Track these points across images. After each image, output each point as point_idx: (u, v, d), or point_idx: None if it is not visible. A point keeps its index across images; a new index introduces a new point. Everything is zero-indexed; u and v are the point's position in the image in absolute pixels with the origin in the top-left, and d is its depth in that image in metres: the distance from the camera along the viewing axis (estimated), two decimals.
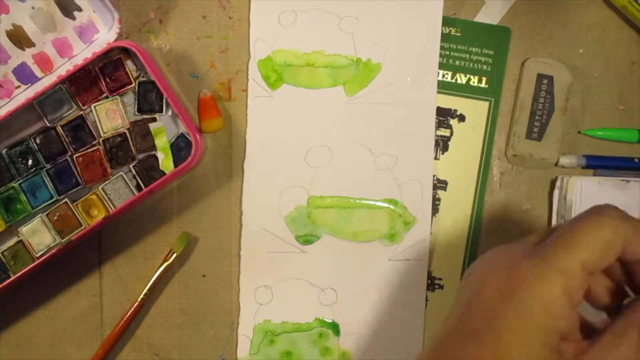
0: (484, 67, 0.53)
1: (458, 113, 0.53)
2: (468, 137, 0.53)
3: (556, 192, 0.52)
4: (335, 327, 0.53)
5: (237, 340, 0.53)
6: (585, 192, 0.51)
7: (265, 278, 0.53)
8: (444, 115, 0.53)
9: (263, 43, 0.53)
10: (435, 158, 0.53)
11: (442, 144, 0.53)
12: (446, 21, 0.53)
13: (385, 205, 0.52)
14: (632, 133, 0.52)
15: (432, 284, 0.53)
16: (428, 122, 0.52)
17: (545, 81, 0.51)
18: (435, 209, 0.53)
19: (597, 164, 0.52)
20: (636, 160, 0.52)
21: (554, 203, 0.52)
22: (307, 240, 0.53)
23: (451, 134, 0.53)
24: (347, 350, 0.53)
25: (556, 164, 0.52)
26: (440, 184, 0.53)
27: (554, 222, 0.52)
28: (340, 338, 0.53)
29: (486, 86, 0.53)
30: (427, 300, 0.53)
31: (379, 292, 0.53)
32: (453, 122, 0.53)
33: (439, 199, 0.53)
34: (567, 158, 0.52)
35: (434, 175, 0.53)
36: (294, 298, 0.53)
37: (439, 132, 0.53)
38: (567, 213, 0.51)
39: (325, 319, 0.53)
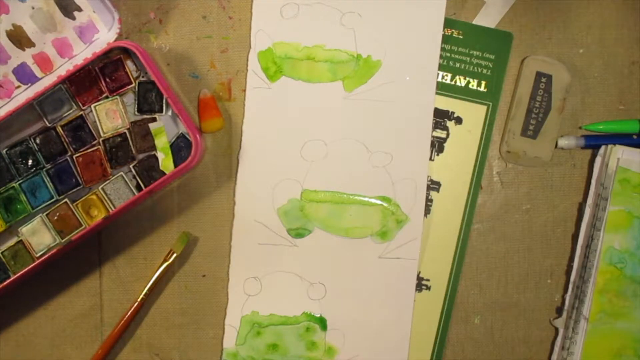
0: (484, 71, 0.53)
1: (455, 115, 0.53)
2: (464, 139, 0.53)
3: (598, 159, 0.52)
4: (322, 322, 0.53)
5: (223, 330, 0.53)
6: (626, 160, 0.51)
7: (255, 269, 0.53)
8: (441, 117, 0.53)
9: (264, 34, 0.53)
10: (430, 159, 0.53)
11: (437, 145, 0.53)
12: (448, 23, 0.53)
13: (379, 202, 0.52)
14: (632, 124, 0.52)
15: (420, 284, 0.53)
16: (425, 122, 0.52)
17: (543, 79, 0.51)
18: (427, 210, 0.53)
19: (596, 144, 0.52)
20: (634, 137, 0.52)
21: (594, 171, 0.52)
22: (298, 233, 0.53)
23: (447, 135, 0.53)
24: (333, 346, 0.53)
25: (555, 147, 0.52)
26: (433, 185, 0.53)
27: (592, 189, 0.52)
28: (327, 333, 0.53)
29: (485, 90, 0.53)
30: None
31: (368, 289, 0.53)
32: (450, 124, 0.53)
33: (431, 200, 0.53)
34: (565, 139, 0.52)
35: (427, 176, 0.53)
36: (282, 290, 0.53)
37: (435, 134, 0.53)
38: (607, 180, 0.51)
39: (312, 313, 0.53)
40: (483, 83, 0.53)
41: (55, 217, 0.51)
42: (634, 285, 0.51)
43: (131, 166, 0.52)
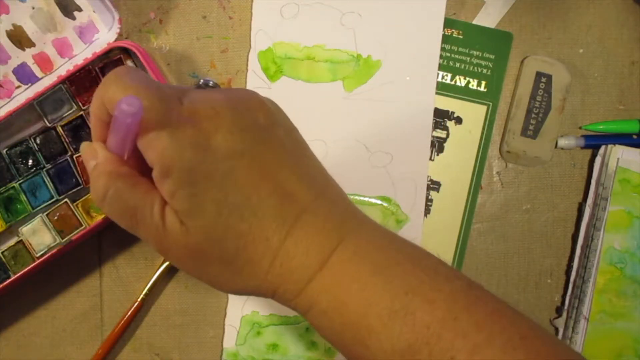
0: (484, 70, 0.53)
1: (455, 115, 0.53)
2: (464, 139, 0.53)
3: (598, 159, 0.52)
4: None
5: (223, 330, 0.53)
6: (626, 160, 0.51)
7: None
8: (441, 117, 0.53)
9: (264, 34, 0.53)
10: (430, 159, 0.53)
11: (437, 145, 0.53)
12: (448, 23, 0.53)
13: (379, 202, 0.52)
14: (632, 124, 0.52)
15: None
16: (425, 122, 0.52)
17: (543, 79, 0.51)
18: (427, 210, 0.53)
19: (596, 143, 0.52)
20: (634, 137, 0.52)
21: (594, 171, 0.52)
22: None
23: (447, 135, 0.53)
24: None
25: (555, 147, 0.52)
26: (433, 185, 0.53)
27: (592, 189, 0.52)
28: None
29: (485, 90, 0.53)
30: None
31: None
32: (450, 124, 0.53)
33: (431, 200, 0.53)
34: (565, 139, 0.52)
35: (427, 176, 0.53)
36: None
37: (435, 134, 0.53)
38: (607, 180, 0.51)
39: None
40: (483, 83, 0.53)
41: (56, 217, 0.51)
42: (634, 285, 0.51)
43: None
